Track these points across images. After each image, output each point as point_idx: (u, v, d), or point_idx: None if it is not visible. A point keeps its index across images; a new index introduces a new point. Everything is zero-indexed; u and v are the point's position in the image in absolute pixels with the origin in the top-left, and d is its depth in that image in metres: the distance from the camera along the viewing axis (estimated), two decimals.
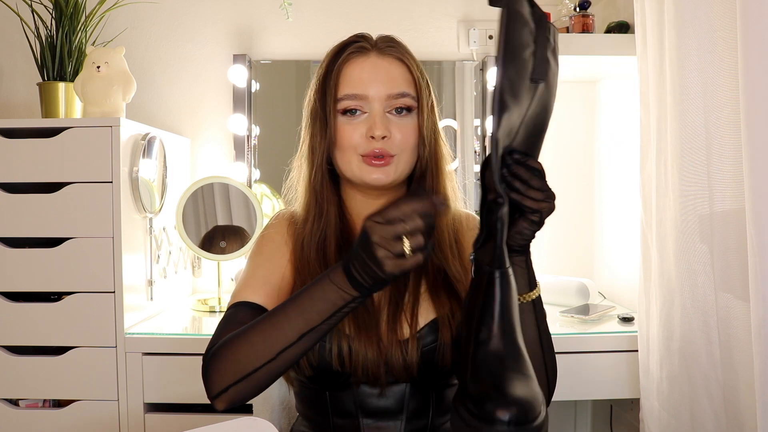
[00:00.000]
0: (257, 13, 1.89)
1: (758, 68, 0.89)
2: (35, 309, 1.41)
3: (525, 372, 0.67)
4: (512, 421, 0.62)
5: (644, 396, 1.33)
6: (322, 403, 0.92)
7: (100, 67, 1.50)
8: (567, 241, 1.92)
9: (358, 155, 0.89)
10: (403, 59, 0.92)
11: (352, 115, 0.90)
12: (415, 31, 1.89)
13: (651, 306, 1.30)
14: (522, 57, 0.69)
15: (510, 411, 0.63)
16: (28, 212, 1.41)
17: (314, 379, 0.90)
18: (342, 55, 0.91)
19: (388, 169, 0.89)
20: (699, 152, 1.11)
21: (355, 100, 0.89)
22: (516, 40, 0.67)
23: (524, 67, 0.69)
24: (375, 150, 0.88)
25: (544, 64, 0.71)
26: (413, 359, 0.88)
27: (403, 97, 0.90)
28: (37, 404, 1.45)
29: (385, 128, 0.88)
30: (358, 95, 0.89)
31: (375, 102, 0.89)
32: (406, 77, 0.91)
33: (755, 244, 0.91)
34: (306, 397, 0.96)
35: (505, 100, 0.67)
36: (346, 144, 0.89)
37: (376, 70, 0.90)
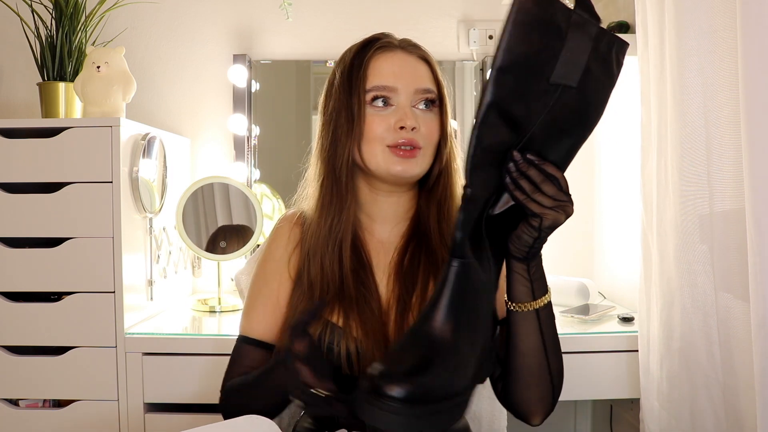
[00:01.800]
0: (257, 13, 1.89)
1: (758, 68, 0.89)
2: (35, 309, 1.41)
3: (450, 368, 0.68)
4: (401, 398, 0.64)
5: (644, 396, 1.33)
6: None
7: (100, 67, 1.50)
8: (567, 241, 1.92)
9: (384, 146, 0.90)
10: (427, 58, 0.96)
11: (381, 107, 0.91)
12: (415, 31, 1.88)
13: (651, 306, 1.30)
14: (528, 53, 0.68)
15: (402, 388, 0.64)
16: (28, 212, 1.41)
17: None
18: (369, 50, 0.93)
19: (413, 162, 0.90)
20: (699, 152, 1.11)
21: (384, 91, 0.91)
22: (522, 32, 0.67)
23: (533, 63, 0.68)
24: (402, 140, 0.89)
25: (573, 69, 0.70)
26: None
27: (428, 93, 0.93)
28: (37, 404, 1.45)
29: (414, 120, 0.90)
30: (388, 87, 0.91)
31: (403, 95, 0.91)
32: (430, 76, 0.95)
33: (755, 244, 0.91)
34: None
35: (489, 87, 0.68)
36: (373, 135, 0.90)
37: (404, 65, 0.92)
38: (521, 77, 0.68)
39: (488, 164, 0.73)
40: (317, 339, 0.89)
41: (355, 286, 0.92)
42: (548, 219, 0.75)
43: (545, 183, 0.74)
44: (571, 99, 0.71)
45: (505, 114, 0.69)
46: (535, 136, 0.73)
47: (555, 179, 0.74)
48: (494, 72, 0.68)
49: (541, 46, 0.68)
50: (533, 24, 0.68)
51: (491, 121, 0.69)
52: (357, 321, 0.89)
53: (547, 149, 0.74)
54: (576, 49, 0.70)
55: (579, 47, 0.70)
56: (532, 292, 0.82)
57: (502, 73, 0.68)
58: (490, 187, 0.75)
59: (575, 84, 0.71)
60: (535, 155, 0.73)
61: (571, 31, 0.69)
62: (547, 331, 0.84)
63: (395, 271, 0.95)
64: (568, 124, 0.74)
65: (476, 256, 0.74)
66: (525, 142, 0.73)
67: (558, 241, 1.91)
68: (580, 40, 0.70)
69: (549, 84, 0.70)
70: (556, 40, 0.68)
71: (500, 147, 0.72)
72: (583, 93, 0.72)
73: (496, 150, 0.72)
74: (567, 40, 0.69)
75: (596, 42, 0.71)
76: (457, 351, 0.70)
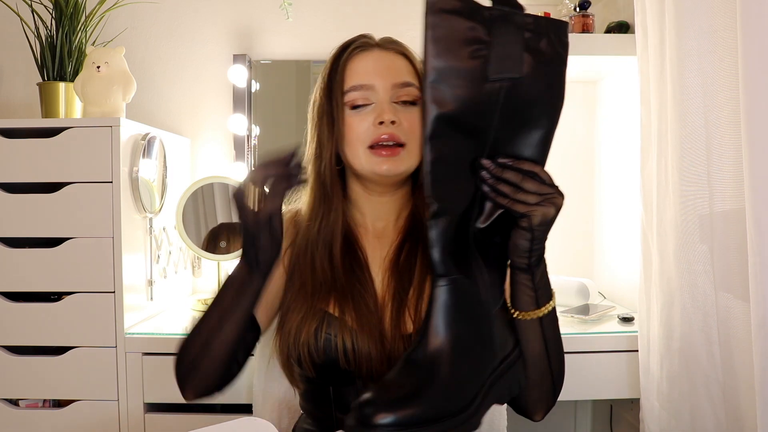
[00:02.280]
0: (257, 13, 1.89)
1: (758, 68, 0.89)
2: (35, 309, 1.41)
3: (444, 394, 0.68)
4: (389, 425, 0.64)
5: (644, 396, 1.33)
6: (326, 399, 0.92)
7: (100, 67, 1.50)
8: (567, 241, 1.92)
9: (366, 148, 0.90)
10: (405, 53, 0.96)
11: (360, 108, 0.91)
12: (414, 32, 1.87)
13: (651, 306, 1.30)
14: (455, 64, 0.67)
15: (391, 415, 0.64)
16: (28, 212, 1.41)
17: (319, 375, 0.91)
18: (346, 52, 0.94)
19: (397, 160, 0.90)
20: (699, 152, 1.11)
21: (361, 90, 0.90)
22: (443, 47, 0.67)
23: (465, 70, 0.68)
24: (383, 135, 0.88)
25: (509, 61, 0.69)
26: None
27: (408, 86, 0.91)
28: (37, 404, 1.45)
29: (393, 114, 0.89)
30: (365, 85, 0.90)
31: (381, 91, 0.90)
32: (409, 69, 0.94)
33: (755, 244, 0.91)
34: (309, 394, 0.97)
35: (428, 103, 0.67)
36: (354, 136, 0.90)
37: (380, 62, 0.92)
38: (457, 85, 0.67)
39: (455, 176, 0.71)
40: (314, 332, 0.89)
41: (351, 282, 0.92)
42: (537, 215, 0.74)
43: (525, 181, 0.72)
44: (523, 90, 0.70)
45: (453, 123, 0.68)
46: (500, 137, 0.71)
47: (534, 174, 0.73)
48: (428, 87, 0.67)
49: (468, 53, 0.68)
50: (450, 37, 0.67)
51: (441, 133, 0.68)
52: (353, 315, 0.89)
53: (518, 146, 0.73)
54: (506, 42, 0.69)
55: (509, 39, 0.69)
56: (536, 301, 0.80)
57: (437, 85, 0.67)
58: (465, 198, 0.73)
59: (519, 74, 0.69)
60: (507, 157, 0.72)
61: (495, 27, 0.68)
62: (551, 336, 0.83)
63: (391, 267, 0.95)
64: (529, 116, 0.72)
65: (465, 272, 0.73)
66: (491, 146, 0.71)
67: (558, 241, 1.91)
68: (507, 32, 0.69)
69: (489, 82, 0.68)
70: (481, 40, 0.68)
71: (462, 156, 0.71)
72: (533, 81, 0.71)
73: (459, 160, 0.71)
74: (493, 36, 0.68)
75: (527, 30, 0.70)
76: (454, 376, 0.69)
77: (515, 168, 0.72)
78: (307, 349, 0.88)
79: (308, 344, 0.88)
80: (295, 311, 0.92)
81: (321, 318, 0.90)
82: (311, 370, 0.90)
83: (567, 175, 1.92)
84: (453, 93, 0.67)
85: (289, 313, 0.92)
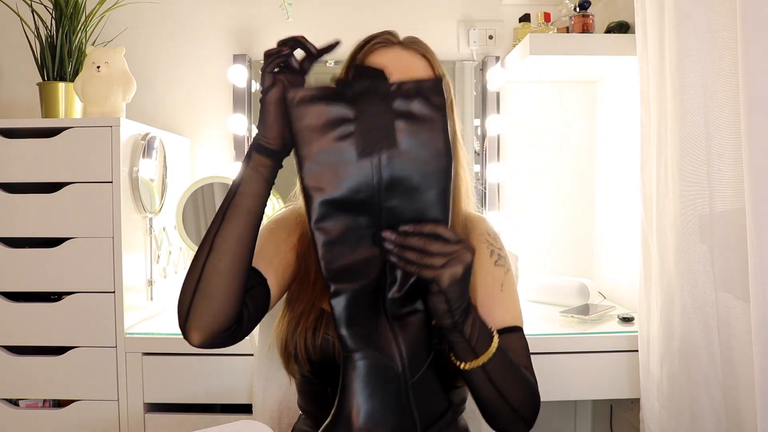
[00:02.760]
0: (257, 13, 1.89)
1: (758, 68, 0.89)
2: (35, 309, 1.41)
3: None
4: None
5: (644, 396, 1.33)
6: (324, 399, 0.92)
7: (100, 67, 1.50)
8: (567, 241, 1.92)
9: None
10: (426, 55, 0.95)
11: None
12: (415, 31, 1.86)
13: (651, 306, 1.30)
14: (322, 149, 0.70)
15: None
16: (28, 212, 1.41)
17: (316, 374, 0.90)
18: (366, 46, 0.93)
19: None
20: (699, 152, 1.11)
21: None
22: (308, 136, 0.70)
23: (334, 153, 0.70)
24: None
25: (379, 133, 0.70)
26: None
27: None
28: (37, 404, 1.46)
29: None
30: None
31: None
32: (428, 72, 0.94)
33: (755, 244, 0.91)
34: (308, 393, 0.96)
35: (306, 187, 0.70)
36: None
37: (398, 60, 0.91)
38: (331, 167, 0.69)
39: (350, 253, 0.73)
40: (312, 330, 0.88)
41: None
42: (445, 277, 0.72)
43: (429, 243, 0.71)
44: (401, 157, 0.71)
45: (335, 204, 0.70)
46: (393, 206, 0.72)
47: (437, 235, 0.72)
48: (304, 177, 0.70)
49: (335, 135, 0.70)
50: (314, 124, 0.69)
51: (326, 216, 0.70)
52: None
53: (416, 210, 0.73)
54: (372, 115, 0.70)
55: (374, 112, 0.70)
56: (473, 351, 0.78)
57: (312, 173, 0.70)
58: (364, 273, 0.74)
59: (392, 145, 0.70)
60: (407, 223, 0.72)
61: (360, 102, 0.70)
62: (499, 377, 0.81)
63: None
64: (417, 179, 0.72)
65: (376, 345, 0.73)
66: (386, 216, 0.72)
67: (558, 241, 1.92)
68: (372, 105, 0.70)
69: (363, 158, 0.70)
70: (346, 120, 0.69)
71: (354, 233, 0.72)
72: (410, 146, 0.71)
73: (351, 238, 0.72)
74: (359, 112, 0.70)
75: (393, 97, 0.70)
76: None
77: (417, 233, 0.72)
78: (304, 346, 0.88)
79: (306, 342, 0.88)
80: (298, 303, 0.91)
81: (318, 316, 0.89)
82: (308, 366, 0.89)
83: (567, 174, 1.92)
84: (329, 177, 0.70)
85: (293, 304, 0.92)
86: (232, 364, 1.38)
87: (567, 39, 1.59)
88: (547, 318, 1.58)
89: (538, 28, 1.71)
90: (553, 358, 1.39)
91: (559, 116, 1.92)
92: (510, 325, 0.90)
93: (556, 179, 1.92)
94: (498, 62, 1.84)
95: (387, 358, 0.74)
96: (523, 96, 1.91)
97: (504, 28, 1.89)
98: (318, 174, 0.69)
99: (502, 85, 1.87)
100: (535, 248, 1.92)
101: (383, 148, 0.70)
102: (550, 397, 1.39)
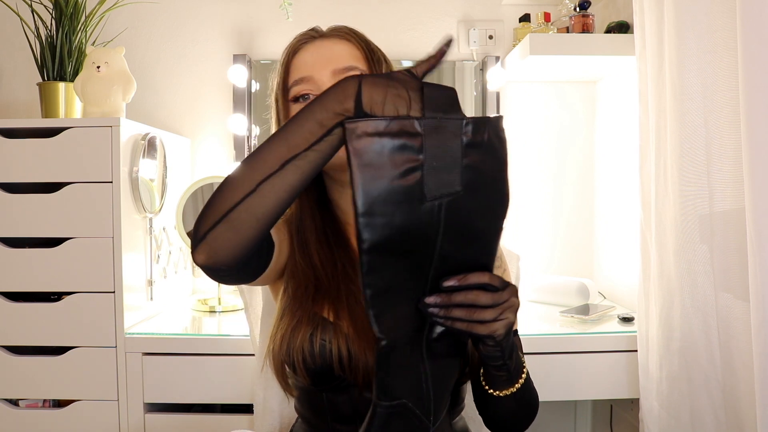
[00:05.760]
0: (257, 13, 1.89)
1: (758, 68, 0.89)
2: (35, 309, 1.41)
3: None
4: None
5: (644, 396, 1.33)
6: (321, 406, 0.91)
7: (100, 67, 1.50)
8: (567, 240, 1.92)
9: None
10: (348, 38, 0.91)
11: (303, 101, 0.88)
12: (415, 31, 1.89)
13: (651, 306, 1.30)
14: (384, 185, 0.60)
15: None
16: (28, 212, 1.41)
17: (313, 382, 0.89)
18: (290, 46, 0.92)
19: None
20: (699, 152, 1.11)
21: (302, 84, 0.88)
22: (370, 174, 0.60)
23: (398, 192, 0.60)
24: None
25: (447, 175, 0.62)
26: None
27: (351, 70, 0.87)
28: (37, 404, 1.45)
29: None
30: (304, 78, 0.88)
31: (320, 81, 0.87)
32: (353, 53, 0.90)
33: (755, 244, 0.91)
34: (304, 399, 0.95)
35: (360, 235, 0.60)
36: None
37: (319, 52, 0.89)
38: (392, 212, 0.61)
39: (396, 303, 0.66)
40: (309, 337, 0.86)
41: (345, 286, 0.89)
42: (500, 331, 0.69)
43: (478, 296, 0.66)
44: (465, 200, 0.64)
45: (388, 251, 0.62)
46: (448, 253, 0.65)
47: (486, 285, 0.67)
48: (359, 218, 0.60)
49: (400, 173, 0.60)
50: (378, 161, 0.60)
51: (377, 266, 0.63)
52: (348, 320, 0.86)
53: (467, 258, 0.67)
54: (442, 154, 0.62)
55: (445, 150, 0.62)
56: (510, 380, 0.79)
57: (368, 217, 0.60)
58: (411, 321, 0.69)
59: (459, 187, 0.63)
60: (451, 274, 0.66)
61: (428, 139, 0.61)
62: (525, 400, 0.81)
63: None
64: (476, 224, 0.66)
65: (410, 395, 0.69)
66: (438, 262, 0.66)
67: (558, 241, 1.92)
68: (443, 141, 0.62)
69: (428, 202, 0.62)
70: (412, 158, 0.61)
71: (402, 280, 0.66)
72: (474, 189, 0.64)
73: (399, 285, 0.66)
74: (425, 150, 0.61)
75: (464, 133, 0.63)
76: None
77: (464, 287, 0.66)
78: (302, 354, 0.85)
79: (303, 349, 0.85)
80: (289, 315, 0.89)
81: (316, 323, 0.87)
82: (305, 376, 0.87)
83: (567, 174, 1.92)
84: (387, 221, 0.61)
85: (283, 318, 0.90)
86: (233, 364, 1.38)
87: (567, 39, 1.59)
88: (547, 318, 1.58)
89: (538, 28, 1.71)
90: (553, 358, 1.39)
91: (559, 116, 1.92)
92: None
93: (555, 179, 1.92)
94: (498, 62, 1.84)
95: (418, 406, 0.70)
96: (523, 96, 1.91)
97: (504, 28, 1.89)
98: (375, 219, 0.61)
99: (502, 85, 1.87)
100: (535, 248, 1.92)
101: (452, 190, 0.63)
102: (550, 397, 1.39)
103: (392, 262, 0.64)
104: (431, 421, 0.72)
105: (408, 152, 0.61)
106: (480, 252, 0.68)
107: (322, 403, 0.90)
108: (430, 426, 0.72)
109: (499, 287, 0.67)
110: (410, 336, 0.69)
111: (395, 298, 0.66)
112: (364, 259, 0.62)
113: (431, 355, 0.71)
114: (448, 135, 0.62)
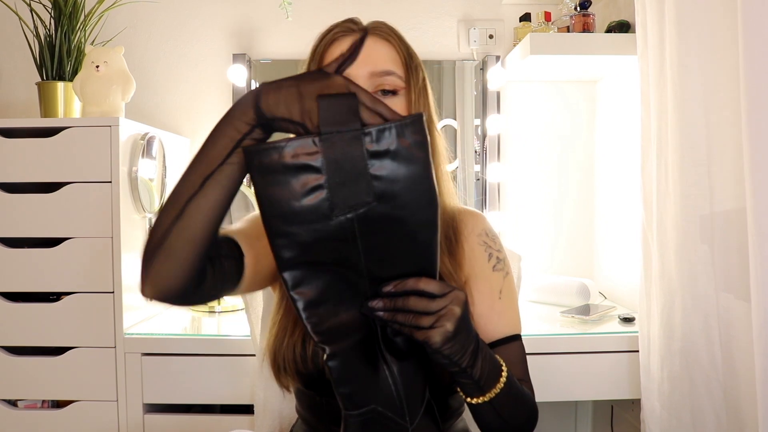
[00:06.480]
0: (257, 12, 1.89)
1: (759, 68, 0.89)
2: (34, 309, 1.41)
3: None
4: None
5: (645, 396, 1.33)
6: (319, 409, 0.90)
7: (99, 66, 1.50)
8: (567, 241, 1.92)
9: None
10: (389, 39, 0.88)
11: None
12: (415, 31, 1.89)
13: (652, 306, 1.30)
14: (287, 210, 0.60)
15: None
16: (28, 212, 1.40)
17: (308, 386, 0.89)
18: (327, 36, 0.89)
19: None
20: (700, 152, 1.10)
21: None
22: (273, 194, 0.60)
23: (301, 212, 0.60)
24: None
25: (353, 188, 0.60)
26: None
27: (389, 75, 0.84)
28: (36, 405, 1.45)
29: None
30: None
31: (359, 80, 0.83)
32: (392, 56, 0.87)
33: (756, 244, 0.91)
34: (303, 401, 0.95)
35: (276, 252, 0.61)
36: None
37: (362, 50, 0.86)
38: (303, 232, 0.61)
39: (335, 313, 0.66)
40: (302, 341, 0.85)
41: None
42: (436, 338, 0.67)
43: (416, 302, 0.66)
44: (382, 209, 0.62)
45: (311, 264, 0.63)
46: (379, 262, 0.65)
47: (420, 292, 0.66)
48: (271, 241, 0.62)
49: (301, 195, 0.60)
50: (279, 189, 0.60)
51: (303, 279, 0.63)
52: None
53: (406, 261, 0.66)
54: (345, 168, 0.60)
55: (347, 163, 0.60)
56: (481, 389, 0.76)
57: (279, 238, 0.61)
58: (356, 328, 0.68)
59: (370, 198, 0.61)
60: (388, 280, 0.66)
61: (326, 155, 0.59)
62: (504, 408, 0.79)
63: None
64: (399, 231, 0.64)
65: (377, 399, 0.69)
66: (371, 270, 0.65)
67: (558, 241, 1.92)
68: (343, 155, 0.60)
69: (336, 218, 0.61)
70: (313, 178, 0.60)
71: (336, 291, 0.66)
72: (391, 197, 0.62)
73: (333, 296, 0.66)
74: (325, 167, 0.60)
75: (366, 143, 0.60)
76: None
77: (399, 292, 0.66)
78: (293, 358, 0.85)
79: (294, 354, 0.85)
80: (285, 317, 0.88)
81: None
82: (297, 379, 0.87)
83: (567, 174, 1.92)
84: (301, 240, 0.61)
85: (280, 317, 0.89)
86: (233, 364, 1.38)
87: (567, 38, 1.59)
88: (547, 318, 1.58)
89: (539, 28, 1.71)
90: (554, 359, 1.39)
91: (560, 116, 1.91)
92: (509, 335, 0.88)
93: (556, 179, 1.92)
94: (498, 62, 1.84)
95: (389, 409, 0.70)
96: (523, 95, 1.91)
97: (504, 28, 1.89)
98: (288, 240, 0.61)
99: (503, 84, 1.87)
100: (536, 248, 1.92)
101: (362, 201, 0.61)
102: (551, 397, 1.38)
103: (321, 275, 0.64)
104: (408, 421, 0.71)
105: (308, 173, 0.60)
106: (418, 257, 0.66)
107: (321, 405, 0.90)
108: (408, 426, 0.71)
109: (437, 294, 0.66)
110: (359, 341, 0.68)
111: (335, 308, 0.66)
112: (286, 276, 0.62)
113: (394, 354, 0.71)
114: (348, 147, 0.60)
